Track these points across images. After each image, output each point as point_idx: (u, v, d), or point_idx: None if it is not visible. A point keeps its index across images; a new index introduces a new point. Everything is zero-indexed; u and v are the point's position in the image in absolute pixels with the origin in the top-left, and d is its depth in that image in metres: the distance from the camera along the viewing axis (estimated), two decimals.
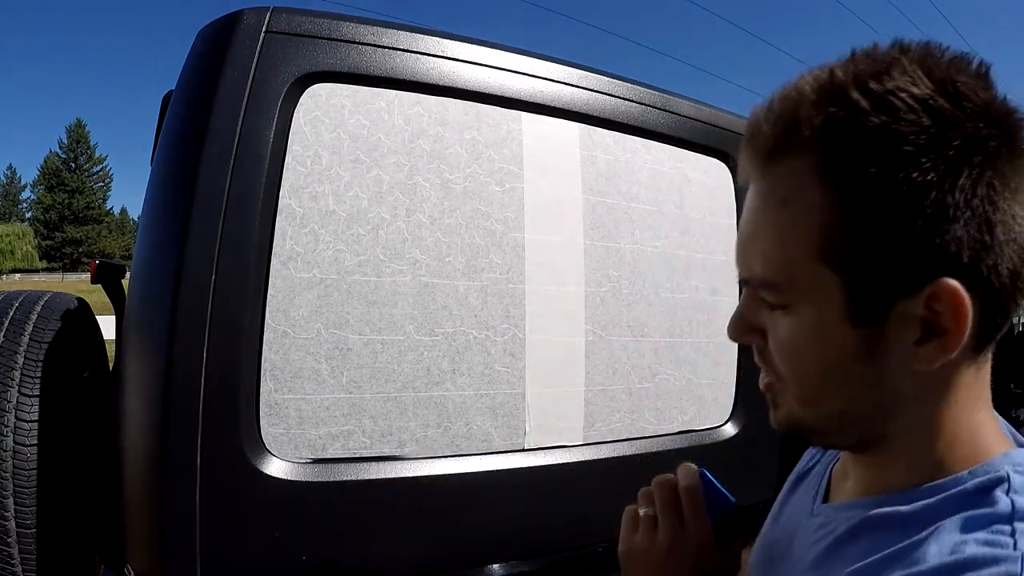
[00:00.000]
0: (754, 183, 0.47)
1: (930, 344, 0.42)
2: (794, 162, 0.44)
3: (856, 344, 0.44)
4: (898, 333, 0.43)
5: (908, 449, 0.47)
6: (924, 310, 0.41)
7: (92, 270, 1.46)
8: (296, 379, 0.81)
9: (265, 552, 0.78)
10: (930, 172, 0.39)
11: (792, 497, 0.63)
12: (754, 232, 0.47)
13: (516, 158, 0.97)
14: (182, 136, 0.83)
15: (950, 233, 0.40)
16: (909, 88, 0.40)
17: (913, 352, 0.43)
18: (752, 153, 0.46)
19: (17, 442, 1.02)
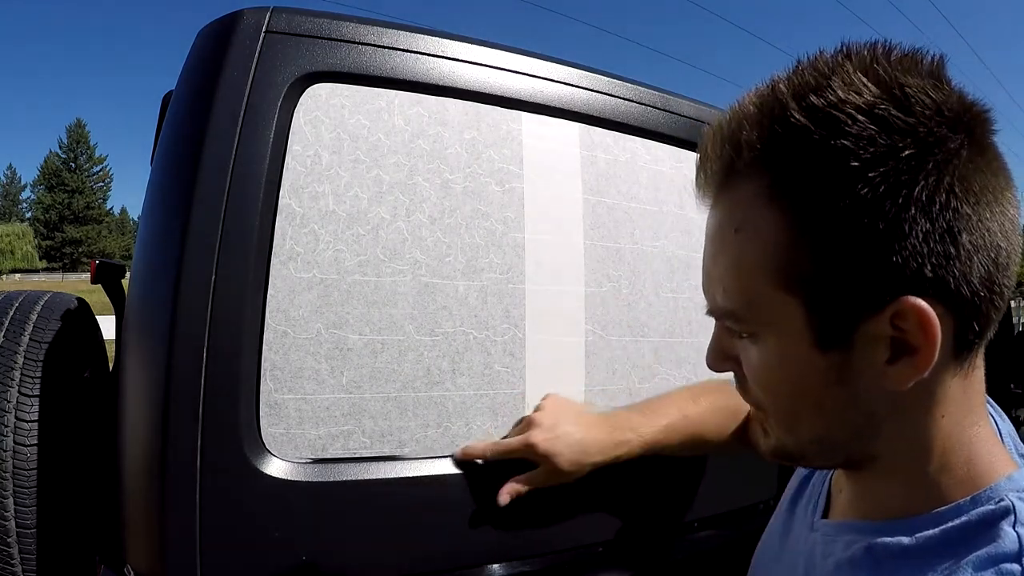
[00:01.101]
0: (710, 209, 0.47)
1: (900, 363, 0.40)
2: (743, 186, 0.42)
3: (824, 369, 0.42)
4: (866, 354, 0.41)
5: (898, 467, 0.45)
6: (891, 329, 0.39)
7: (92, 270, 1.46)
8: (296, 379, 0.82)
9: (265, 552, 0.78)
10: (880, 186, 0.37)
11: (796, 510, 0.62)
12: (712, 261, 0.46)
13: (516, 158, 0.97)
14: (182, 136, 0.83)
15: (908, 248, 0.37)
16: (851, 98, 0.38)
17: (884, 372, 0.41)
18: (704, 180, 0.46)
19: (17, 442, 1.02)
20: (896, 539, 0.44)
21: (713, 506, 1.14)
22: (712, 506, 1.14)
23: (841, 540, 0.49)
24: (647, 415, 0.89)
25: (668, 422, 0.89)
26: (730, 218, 0.44)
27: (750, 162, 0.41)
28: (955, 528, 0.42)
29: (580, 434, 0.85)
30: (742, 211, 0.43)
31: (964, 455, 0.43)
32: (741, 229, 0.43)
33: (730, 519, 1.15)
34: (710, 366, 0.51)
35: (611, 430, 0.87)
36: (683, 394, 0.94)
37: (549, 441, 0.84)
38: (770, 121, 0.40)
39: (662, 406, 0.91)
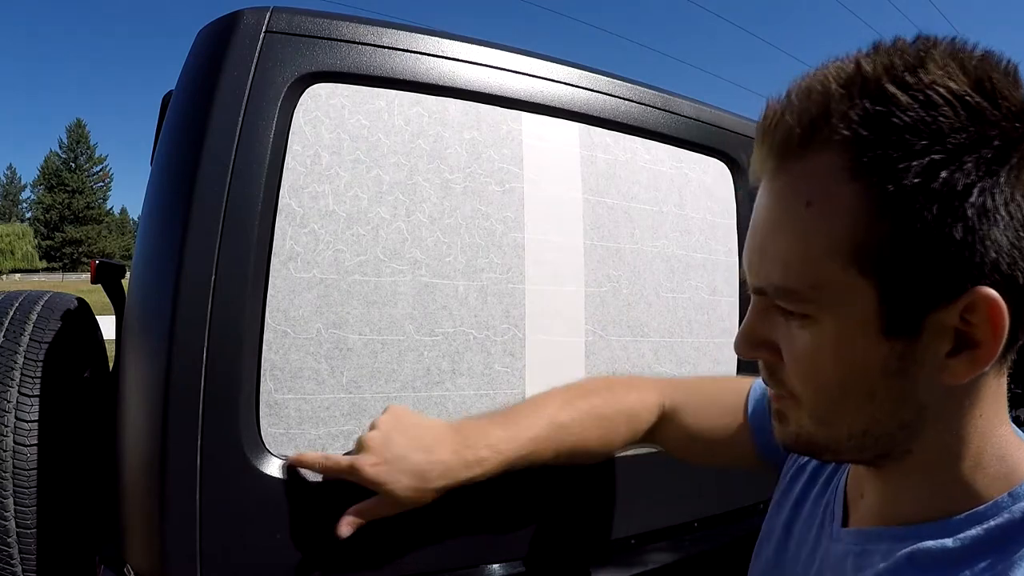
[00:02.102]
0: (770, 181, 0.44)
1: (961, 356, 0.39)
2: (822, 159, 0.40)
3: (885, 358, 0.41)
4: (930, 345, 0.40)
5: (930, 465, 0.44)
6: (958, 320, 0.39)
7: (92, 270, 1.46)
8: (296, 379, 0.81)
9: (265, 552, 0.78)
10: (971, 173, 0.37)
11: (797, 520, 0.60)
12: (771, 236, 0.43)
13: (516, 158, 0.97)
14: (182, 136, 0.83)
15: (991, 238, 0.37)
16: (946, 82, 0.37)
17: (943, 365, 0.40)
18: (770, 149, 0.43)
19: (17, 442, 1.02)
20: (939, 542, 0.43)
21: (713, 506, 1.14)
22: (712, 506, 1.14)
23: (877, 549, 0.47)
24: (509, 427, 0.77)
25: (534, 434, 0.78)
26: (800, 191, 0.42)
27: (836, 135, 0.39)
28: (999, 527, 0.41)
29: (418, 457, 0.74)
30: (816, 185, 0.41)
31: (996, 452, 0.43)
32: (814, 203, 0.41)
33: (730, 519, 1.15)
34: (741, 353, 0.48)
35: (461, 448, 0.75)
36: (555, 399, 0.82)
37: (378, 468, 0.73)
38: (860, 95, 0.39)
39: (528, 416, 0.80)
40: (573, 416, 0.80)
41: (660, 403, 0.84)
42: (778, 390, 0.48)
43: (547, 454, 0.79)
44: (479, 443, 0.76)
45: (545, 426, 0.79)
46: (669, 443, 0.87)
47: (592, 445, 0.83)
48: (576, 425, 0.80)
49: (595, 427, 0.81)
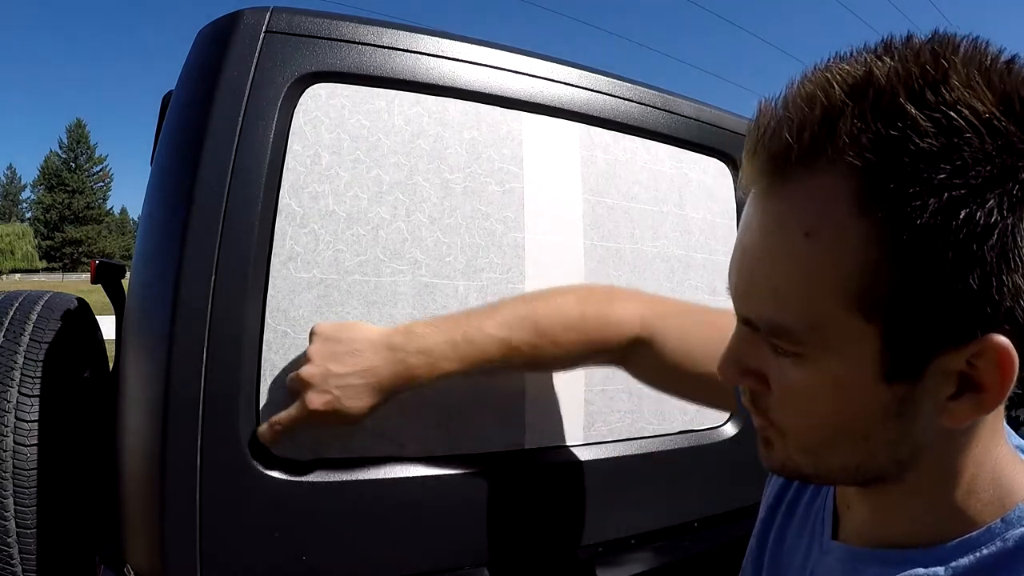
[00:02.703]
0: (763, 200, 0.39)
1: (963, 399, 0.37)
2: (824, 184, 0.36)
3: (884, 402, 0.38)
4: (932, 389, 0.37)
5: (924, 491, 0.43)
6: (964, 364, 0.36)
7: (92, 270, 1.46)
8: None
9: (265, 552, 0.78)
10: (994, 212, 0.32)
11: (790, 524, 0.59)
12: (764, 265, 0.39)
13: (516, 158, 0.97)
14: (182, 136, 0.83)
15: (1009, 284, 0.33)
16: (971, 102, 0.33)
17: (944, 407, 0.38)
18: (764, 163, 0.38)
19: (17, 442, 1.02)
20: (930, 570, 0.41)
21: (713, 506, 1.14)
22: (712, 506, 1.14)
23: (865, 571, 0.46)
24: (455, 346, 0.76)
25: (475, 353, 0.76)
26: (798, 218, 0.37)
27: (842, 158, 0.35)
28: (991, 555, 0.40)
29: (362, 378, 0.75)
30: (818, 213, 0.36)
31: (991, 476, 0.42)
32: (814, 235, 0.36)
33: (730, 519, 1.15)
34: (724, 378, 0.45)
35: (396, 363, 0.75)
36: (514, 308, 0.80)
37: (329, 401, 0.74)
38: (873, 113, 0.34)
39: (477, 328, 0.77)
40: (528, 336, 0.78)
41: (637, 329, 0.81)
42: (763, 421, 0.45)
43: (491, 370, 0.79)
44: (417, 360, 0.76)
45: (494, 348, 0.77)
46: (637, 370, 0.84)
47: (545, 363, 0.82)
48: (529, 347, 0.78)
49: (552, 347, 0.78)
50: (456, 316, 0.82)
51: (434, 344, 0.77)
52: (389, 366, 0.76)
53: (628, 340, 0.81)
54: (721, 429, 1.15)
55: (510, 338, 0.78)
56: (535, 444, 0.95)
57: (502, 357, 0.78)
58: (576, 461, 0.99)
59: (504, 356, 0.78)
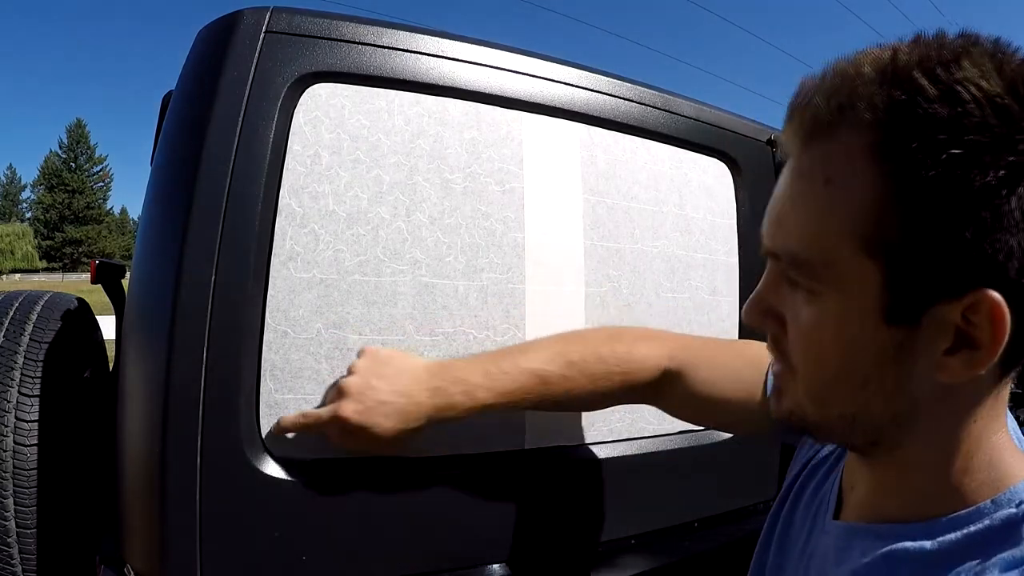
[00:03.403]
0: (795, 157, 0.45)
1: (959, 356, 0.40)
2: (846, 140, 0.41)
3: (884, 344, 0.41)
4: (929, 339, 0.40)
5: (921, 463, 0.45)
6: (960, 319, 0.39)
7: (92, 270, 1.46)
8: (296, 379, 0.81)
9: (265, 552, 0.78)
10: (990, 174, 0.37)
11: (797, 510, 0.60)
12: (790, 207, 0.44)
13: (516, 158, 0.97)
14: (182, 136, 0.83)
15: (1002, 242, 0.37)
16: (978, 81, 0.38)
17: (940, 362, 0.40)
18: (799, 125, 0.44)
19: (17, 442, 1.02)
20: (917, 544, 0.43)
21: (713, 506, 1.14)
22: (712, 506, 1.14)
23: (857, 545, 0.47)
24: (489, 374, 0.78)
25: (512, 387, 0.78)
26: (821, 168, 0.42)
27: (862, 118, 0.40)
28: (978, 532, 0.41)
29: (398, 401, 0.76)
30: (837, 164, 0.41)
31: (987, 459, 0.43)
32: (832, 182, 0.41)
33: (730, 519, 1.15)
34: (748, 319, 0.49)
35: (435, 392, 0.78)
36: (548, 348, 0.82)
37: (361, 414, 0.75)
38: (891, 83, 0.39)
39: (513, 364, 0.80)
40: (560, 370, 0.80)
41: (665, 362, 0.82)
42: (781, 362, 0.49)
43: (525, 404, 0.81)
44: (456, 390, 0.78)
45: (527, 379, 0.79)
46: (669, 403, 0.85)
47: (578, 399, 0.83)
48: (562, 380, 0.80)
49: (584, 382, 0.81)
50: (491, 352, 0.85)
51: (470, 374, 0.79)
52: (429, 393, 0.78)
53: (659, 373, 0.82)
54: None
55: (544, 370, 0.80)
56: (535, 444, 0.96)
57: (536, 389, 0.80)
58: (576, 461, 0.99)
59: (538, 389, 0.80)
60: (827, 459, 0.60)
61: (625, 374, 0.82)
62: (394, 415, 0.76)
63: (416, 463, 0.87)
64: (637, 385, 0.82)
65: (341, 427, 0.77)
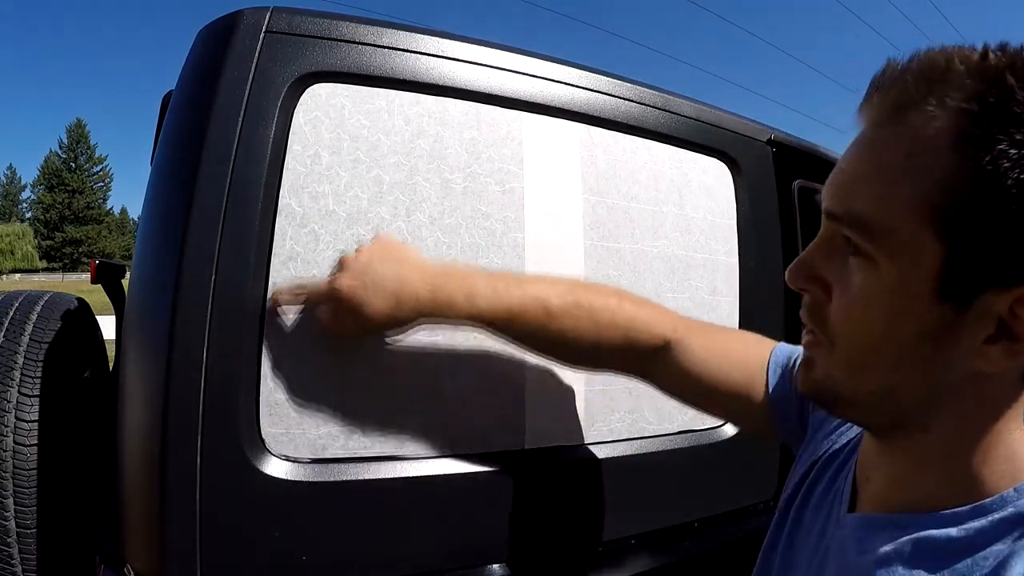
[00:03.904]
0: (875, 129, 0.46)
1: (998, 345, 0.41)
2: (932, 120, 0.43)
3: (930, 320, 0.43)
4: (974, 324, 0.42)
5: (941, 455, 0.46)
6: (1006, 310, 0.41)
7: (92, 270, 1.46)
8: (296, 379, 0.81)
9: (265, 552, 0.78)
10: None
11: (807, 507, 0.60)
12: (864, 171, 0.46)
13: (516, 158, 0.97)
14: (182, 136, 0.83)
15: None
16: None
17: (979, 349, 0.42)
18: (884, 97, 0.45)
19: (17, 442, 1.02)
20: (943, 531, 0.44)
21: (713, 506, 1.14)
22: (712, 506, 1.14)
23: (879, 536, 0.48)
24: (495, 288, 0.78)
25: (515, 307, 0.78)
26: (903, 142, 0.44)
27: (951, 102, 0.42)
28: (1004, 519, 0.42)
29: (393, 285, 0.76)
30: (918, 141, 0.43)
31: (1005, 452, 0.45)
32: (913, 156, 0.43)
33: (730, 519, 1.15)
34: (792, 280, 0.49)
35: (437, 288, 0.77)
36: (560, 284, 0.82)
37: (354, 288, 0.75)
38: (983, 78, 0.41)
39: (522, 287, 0.79)
40: (566, 306, 0.79)
41: (668, 332, 0.81)
42: (817, 331, 0.49)
43: (522, 330, 0.80)
44: (457, 289, 0.77)
45: (531, 304, 0.78)
46: (664, 377, 0.83)
47: (576, 342, 0.81)
48: (566, 316, 0.79)
49: (587, 325, 0.80)
50: (503, 272, 0.84)
51: (477, 282, 0.79)
52: (429, 287, 0.77)
53: (661, 341, 0.81)
54: (721, 429, 1.15)
55: (550, 302, 0.79)
56: (535, 444, 0.96)
57: (537, 318, 0.79)
58: (576, 461, 0.99)
59: (539, 318, 0.79)
60: (837, 455, 0.60)
61: (628, 331, 0.81)
62: (388, 298, 0.76)
63: (416, 463, 0.87)
64: (638, 346, 0.81)
65: (334, 299, 0.77)
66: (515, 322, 0.79)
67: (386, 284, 0.76)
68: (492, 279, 0.80)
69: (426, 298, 0.77)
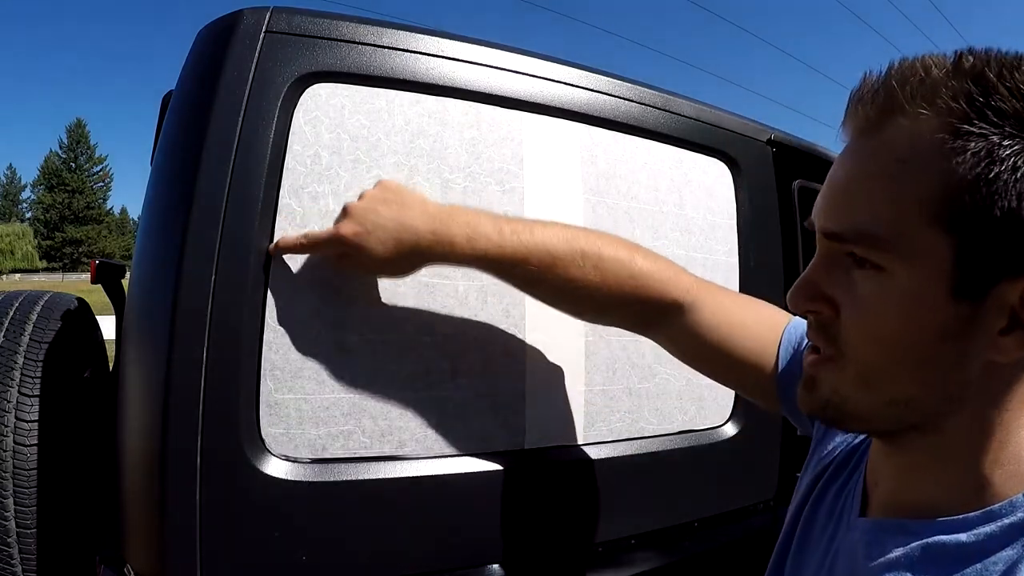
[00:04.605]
0: (862, 139, 0.47)
1: (1012, 336, 0.42)
2: (920, 124, 0.43)
3: (948, 319, 0.43)
4: (989, 316, 0.42)
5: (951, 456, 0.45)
6: (1018, 300, 0.41)
7: (92, 270, 1.46)
8: (296, 379, 0.82)
9: (265, 552, 0.78)
10: None
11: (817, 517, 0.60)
12: (859, 184, 0.46)
13: (516, 158, 0.97)
14: (182, 136, 0.83)
15: None
16: None
17: (994, 341, 0.42)
18: (867, 108, 0.46)
19: (17, 442, 1.02)
20: (953, 537, 0.44)
21: (713, 506, 1.14)
22: (712, 506, 1.14)
23: (889, 541, 0.48)
24: (500, 232, 0.77)
25: (518, 252, 0.77)
26: (894, 149, 0.44)
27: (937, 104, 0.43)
28: (1013, 524, 0.42)
29: (395, 229, 0.76)
30: (910, 145, 0.43)
31: (1015, 451, 0.44)
32: (907, 161, 0.43)
33: (730, 519, 1.15)
34: (795, 304, 0.49)
35: (439, 229, 0.76)
36: (570, 231, 0.80)
37: (358, 234, 0.76)
38: (965, 77, 0.42)
39: (529, 232, 0.78)
40: (573, 255, 0.77)
41: (681, 293, 0.79)
42: (825, 348, 0.48)
43: (525, 276, 0.79)
44: (460, 231, 0.77)
45: (536, 250, 0.77)
46: (673, 338, 0.82)
47: (580, 292, 0.79)
48: (572, 266, 0.77)
49: (594, 277, 0.78)
50: (509, 216, 0.82)
51: (481, 224, 0.78)
52: (431, 230, 0.77)
53: (672, 299, 0.79)
54: (721, 429, 1.15)
55: (556, 249, 0.77)
56: (535, 444, 0.96)
57: (541, 263, 0.77)
58: (576, 461, 0.99)
59: (543, 263, 0.77)
60: (849, 460, 0.60)
61: (638, 287, 0.79)
62: (389, 242, 0.76)
63: (416, 463, 0.87)
64: (648, 300, 0.79)
65: (337, 245, 0.78)
66: (518, 268, 0.78)
67: (388, 227, 0.76)
68: (499, 222, 0.78)
69: (427, 240, 0.76)
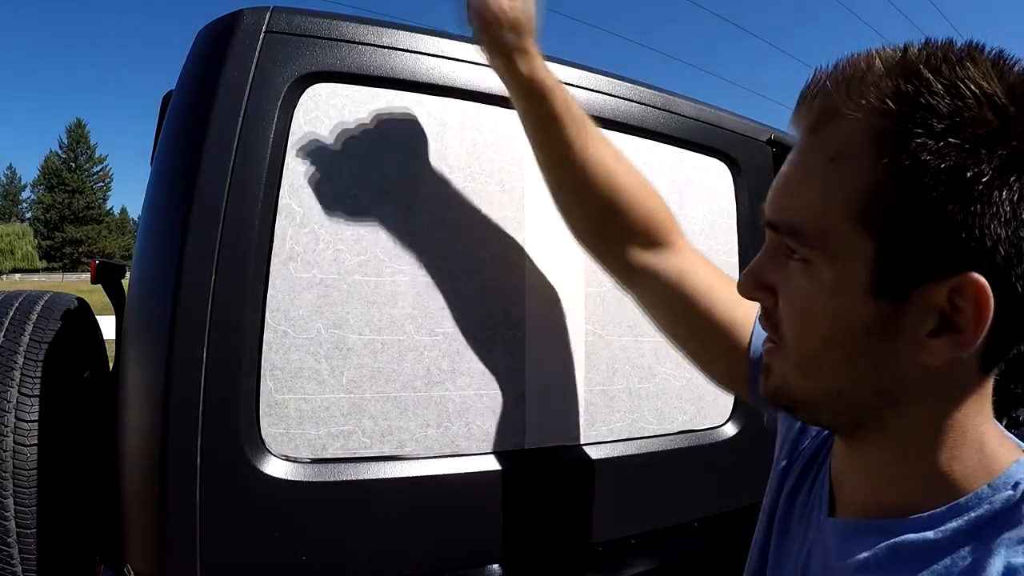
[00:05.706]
0: (804, 137, 0.48)
1: (942, 338, 0.41)
2: (851, 123, 0.43)
3: (870, 316, 0.43)
4: (915, 317, 0.42)
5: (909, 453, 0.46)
6: (945, 302, 0.41)
7: (92, 270, 1.46)
8: (296, 379, 0.82)
9: (265, 552, 0.78)
10: (983, 164, 0.39)
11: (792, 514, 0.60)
12: (795, 179, 0.47)
13: (516, 158, 0.97)
14: (182, 136, 0.83)
15: (990, 229, 0.40)
16: (980, 81, 0.40)
17: (923, 343, 0.42)
18: (809, 109, 0.47)
19: (17, 442, 1.02)
20: (921, 535, 0.44)
21: (713, 506, 1.14)
22: (712, 506, 1.14)
23: (859, 541, 0.48)
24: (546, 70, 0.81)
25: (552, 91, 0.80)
26: (827, 147, 0.45)
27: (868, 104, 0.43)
28: (980, 517, 0.43)
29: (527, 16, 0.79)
30: (843, 144, 0.44)
31: (974, 446, 0.45)
32: (837, 160, 0.44)
33: (730, 519, 1.15)
34: (742, 290, 0.51)
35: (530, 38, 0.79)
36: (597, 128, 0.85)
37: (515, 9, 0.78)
38: (899, 75, 0.42)
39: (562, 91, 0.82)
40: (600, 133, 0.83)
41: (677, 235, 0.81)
42: (771, 335, 0.50)
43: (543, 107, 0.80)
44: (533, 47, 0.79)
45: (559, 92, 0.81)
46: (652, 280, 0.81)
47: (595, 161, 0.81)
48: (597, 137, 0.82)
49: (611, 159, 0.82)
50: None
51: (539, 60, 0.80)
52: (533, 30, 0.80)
53: (662, 228, 0.81)
54: (721, 429, 1.15)
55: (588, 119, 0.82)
56: (535, 444, 0.96)
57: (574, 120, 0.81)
58: (576, 461, 0.99)
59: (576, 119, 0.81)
60: (816, 456, 0.61)
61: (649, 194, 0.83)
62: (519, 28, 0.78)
63: (416, 463, 0.87)
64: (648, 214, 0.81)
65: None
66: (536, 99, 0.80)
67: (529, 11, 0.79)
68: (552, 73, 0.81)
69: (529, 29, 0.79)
